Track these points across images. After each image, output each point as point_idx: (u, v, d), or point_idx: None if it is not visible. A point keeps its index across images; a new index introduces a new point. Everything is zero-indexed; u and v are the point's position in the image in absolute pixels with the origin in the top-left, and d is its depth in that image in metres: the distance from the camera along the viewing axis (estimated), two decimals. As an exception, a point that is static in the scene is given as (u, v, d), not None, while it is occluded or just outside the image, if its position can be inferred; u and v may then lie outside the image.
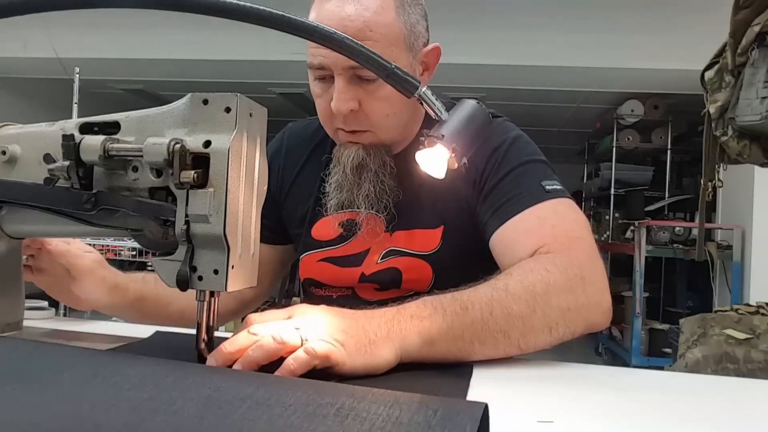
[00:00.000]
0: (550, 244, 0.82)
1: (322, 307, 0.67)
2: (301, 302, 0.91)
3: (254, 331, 0.61)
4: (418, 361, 0.67)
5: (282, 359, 0.59)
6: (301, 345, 0.60)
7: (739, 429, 0.58)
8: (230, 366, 0.60)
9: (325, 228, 1.04)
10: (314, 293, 1.07)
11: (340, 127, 0.95)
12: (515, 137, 0.96)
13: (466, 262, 0.97)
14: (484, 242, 0.94)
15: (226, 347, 0.60)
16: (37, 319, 0.91)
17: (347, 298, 1.03)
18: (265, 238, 0.98)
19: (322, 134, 1.05)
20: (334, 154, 0.99)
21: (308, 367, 0.58)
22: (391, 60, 0.86)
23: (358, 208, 0.96)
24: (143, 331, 0.91)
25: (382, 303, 0.99)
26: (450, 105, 0.80)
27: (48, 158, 0.68)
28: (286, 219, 1.11)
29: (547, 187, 0.89)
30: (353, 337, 0.63)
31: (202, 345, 0.67)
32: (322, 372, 0.60)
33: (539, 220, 0.86)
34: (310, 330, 0.61)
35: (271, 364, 0.59)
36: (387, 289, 1.01)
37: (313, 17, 0.91)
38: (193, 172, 0.60)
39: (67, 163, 0.64)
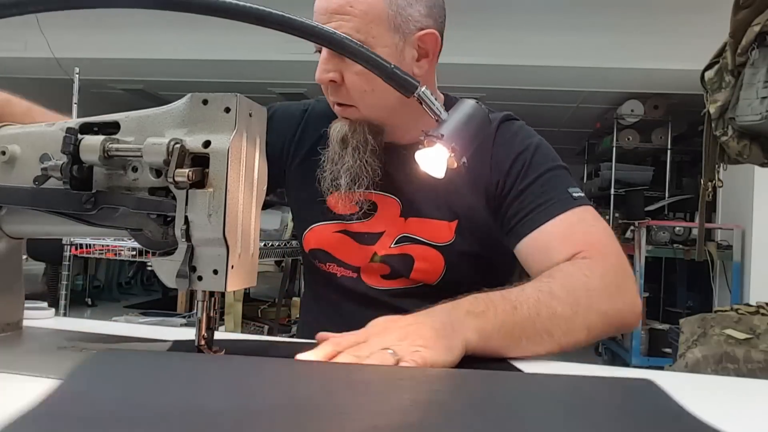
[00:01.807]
0: (586, 251, 0.86)
1: (390, 318, 0.69)
2: (301, 297, 0.91)
3: (355, 355, 0.61)
4: (472, 355, 0.69)
5: None
6: (396, 364, 0.61)
7: (739, 429, 0.58)
8: None
9: (342, 202, 1.03)
10: (318, 268, 1.06)
11: (332, 99, 0.98)
12: (539, 143, 0.99)
13: (477, 258, 0.99)
14: (497, 240, 0.97)
15: None
16: (37, 319, 0.91)
17: (351, 280, 1.02)
18: None
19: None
20: (329, 130, 1.01)
21: None
22: (371, 36, 0.90)
23: (339, 182, 0.97)
24: (143, 331, 0.91)
25: (387, 292, 1.00)
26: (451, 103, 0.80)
27: (46, 158, 0.68)
28: (292, 181, 1.09)
29: (574, 195, 0.93)
30: (431, 338, 0.65)
31: (202, 342, 0.67)
32: None
33: (571, 226, 0.90)
34: (398, 348, 0.62)
35: None
36: (395, 277, 1.01)
37: None
38: (187, 170, 0.60)
39: (60, 162, 0.64)
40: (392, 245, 1.01)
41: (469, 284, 0.96)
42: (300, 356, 0.62)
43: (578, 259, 0.86)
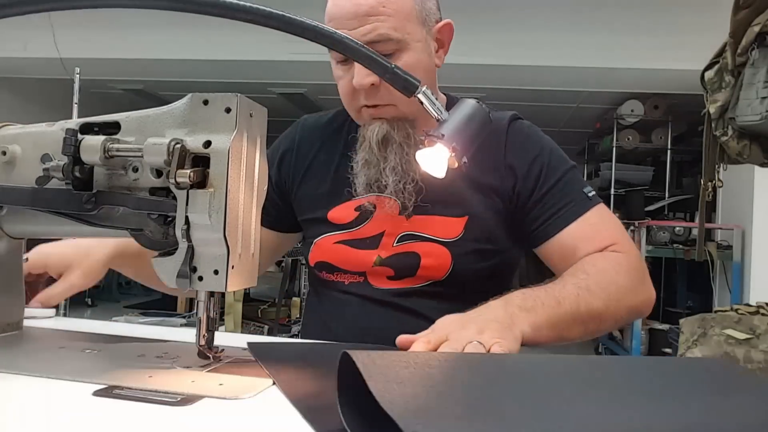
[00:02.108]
0: (613, 246, 0.95)
1: (455, 316, 0.76)
2: (304, 298, 0.92)
3: (452, 349, 0.67)
4: (525, 344, 0.76)
5: None
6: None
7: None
8: None
9: (341, 212, 1.05)
10: (325, 279, 1.07)
11: (364, 104, 0.98)
12: (551, 145, 1.04)
13: (483, 253, 1.00)
14: (503, 237, 1.01)
15: None
16: (38, 318, 0.92)
17: (359, 286, 1.03)
18: (264, 221, 1.05)
19: (338, 122, 1.10)
20: (359, 134, 1.02)
21: None
22: (407, 33, 0.93)
23: (385, 182, 0.99)
24: (143, 330, 0.91)
25: (393, 293, 1.00)
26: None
27: (47, 158, 0.68)
28: (298, 205, 1.11)
29: (590, 195, 1.00)
30: (502, 330, 0.72)
31: (203, 342, 0.67)
32: None
33: (593, 226, 0.97)
34: (482, 339, 0.68)
35: None
36: (401, 277, 1.01)
37: (330, 4, 0.95)
38: (189, 170, 0.60)
39: (62, 162, 0.64)
40: (395, 244, 1.01)
41: (474, 280, 0.98)
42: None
43: (609, 251, 0.94)
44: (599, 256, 0.93)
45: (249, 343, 0.75)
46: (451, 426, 0.40)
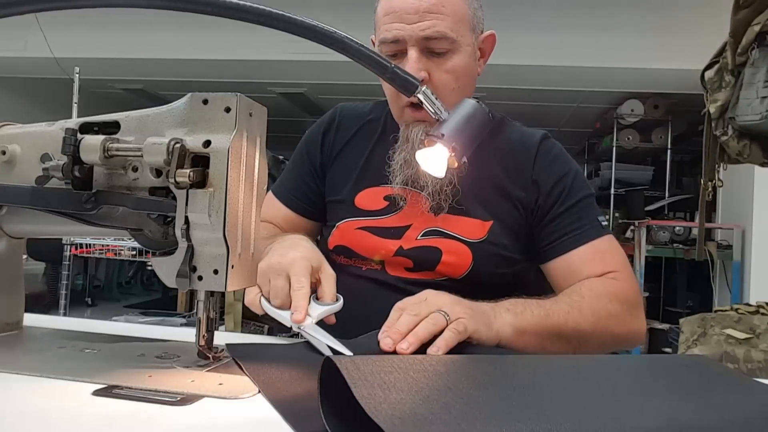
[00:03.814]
0: (612, 273, 0.97)
1: (447, 294, 0.80)
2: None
3: (414, 313, 0.73)
4: (504, 345, 0.80)
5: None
6: (447, 324, 0.72)
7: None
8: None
9: (369, 198, 1.06)
10: (342, 264, 1.07)
11: (408, 103, 0.99)
12: (577, 170, 1.07)
13: (503, 259, 1.02)
14: (522, 247, 1.04)
15: (401, 327, 0.71)
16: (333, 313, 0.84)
17: (375, 272, 1.04)
18: (309, 213, 1.12)
19: (376, 114, 1.13)
20: (401, 134, 1.03)
21: (456, 341, 0.71)
22: (460, 35, 0.96)
23: (423, 183, 1.00)
24: (143, 330, 0.91)
25: (410, 282, 1.00)
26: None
27: (47, 158, 0.68)
28: (329, 185, 1.12)
29: (603, 224, 1.03)
30: (476, 313, 0.77)
31: (203, 342, 0.67)
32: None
33: (601, 253, 1.00)
34: (450, 310, 0.74)
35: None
36: (420, 270, 1.02)
37: None
38: (188, 170, 0.60)
39: (62, 162, 0.64)
40: (419, 237, 1.02)
41: (491, 285, 0.98)
42: (396, 327, 0.71)
43: (608, 278, 0.96)
44: (598, 282, 0.95)
45: (228, 345, 0.74)
46: None
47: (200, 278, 0.63)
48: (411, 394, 0.47)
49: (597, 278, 0.96)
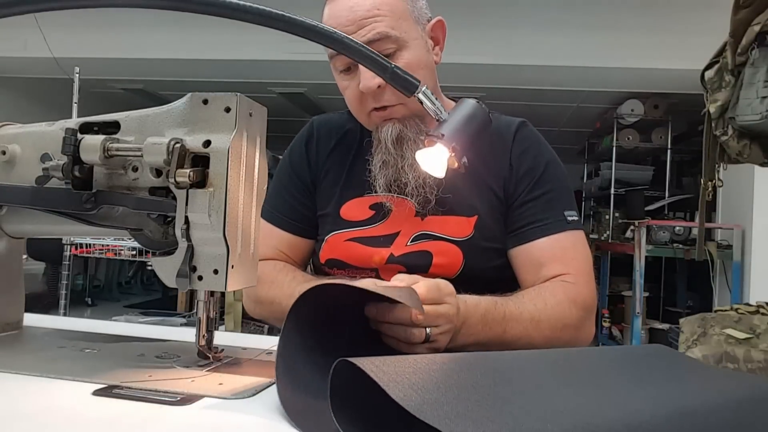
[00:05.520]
0: (572, 275, 0.97)
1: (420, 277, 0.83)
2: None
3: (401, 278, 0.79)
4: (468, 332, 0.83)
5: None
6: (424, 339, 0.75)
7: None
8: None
9: (355, 209, 1.06)
10: (335, 276, 1.07)
11: (372, 107, 1.00)
12: (552, 160, 1.06)
13: (493, 251, 1.02)
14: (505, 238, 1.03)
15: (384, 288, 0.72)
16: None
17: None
18: (309, 233, 1.10)
19: (350, 125, 1.12)
20: (374, 137, 1.03)
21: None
22: (404, 32, 0.96)
23: (405, 180, 1.00)
24: (143, 330, 0.91)
25: None
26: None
27: (47, 158, 0.68)
28: (318, 200, 1.12)
29: (569, 218, 1.02)
30: (437, 284, 0.80)
31: (203, 342, 0.67)
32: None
33: (563, 249, 1.00)
34: (434, 332, 0.76)
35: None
36: (413, 274, 1.01)
37: (327, 13, 0.98)
38: (188, 170, 0.60)
39: (62, 161, 0.64)
40: (409, 243, 1.02)
41: (485, 279, 0.99)
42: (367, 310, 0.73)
43: (565, 280, 0.97)
44: (560, 288, 0.96)
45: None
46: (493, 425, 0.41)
47: (200, 278, 0.63)
48: (440, 394, 0.46)
49: (560, 283, 0.97)
